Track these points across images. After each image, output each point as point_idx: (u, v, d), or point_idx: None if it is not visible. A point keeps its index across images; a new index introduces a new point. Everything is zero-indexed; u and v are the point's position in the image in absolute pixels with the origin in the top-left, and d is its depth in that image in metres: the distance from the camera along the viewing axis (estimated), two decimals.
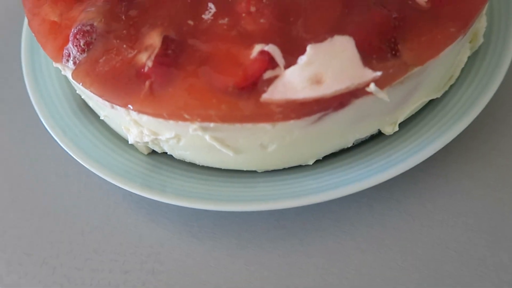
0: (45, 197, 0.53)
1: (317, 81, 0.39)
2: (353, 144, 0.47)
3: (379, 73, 0.38)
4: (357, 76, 0.38)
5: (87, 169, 0.49)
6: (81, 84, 0.44)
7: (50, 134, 0.51)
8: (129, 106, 0.42)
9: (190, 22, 0.43)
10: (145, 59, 0.42)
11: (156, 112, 0.41)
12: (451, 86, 0.49)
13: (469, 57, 0.50)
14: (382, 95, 0.39)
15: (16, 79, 0.60)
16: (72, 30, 0.45)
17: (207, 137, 0.42)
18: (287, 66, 0.40)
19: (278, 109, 0.39)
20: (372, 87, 0.38)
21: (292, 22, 0.42)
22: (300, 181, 0.46)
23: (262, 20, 0.42)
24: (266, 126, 0.41)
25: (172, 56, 0.42)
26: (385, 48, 0.40)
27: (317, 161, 0.48)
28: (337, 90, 0.38)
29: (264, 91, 0.39)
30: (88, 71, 0.44)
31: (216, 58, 0.41)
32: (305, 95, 0.38)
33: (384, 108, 0.43)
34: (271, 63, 0.40)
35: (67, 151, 0.50)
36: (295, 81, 0.39)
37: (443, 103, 0.49)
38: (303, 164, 0.47)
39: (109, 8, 0.46)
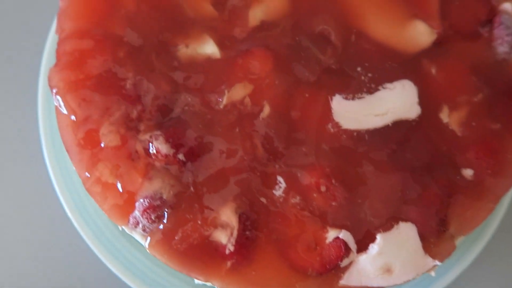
0: None
1: (387, 269, 0.45)
2: None
3: (438, 263, 0.45)
4: (421, 266, 0.45)
5: None
6: (158, 258, 0.46)
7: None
8: (210, 283, 0.45)
9: (263, 200, 0.46)
10: (225, 241, 0.45)
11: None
12: None
13: None
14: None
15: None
16: (141, 202, 0.45)
17: None
18: (358, 250, 0.45)
19: None
20: (433, 273, 0.45)
21: (360, 204, 0.46)
22: None
23: (333, 203, 0.45)
24: None
25: (251, 237, 0.45)
26: (438, 228, 0.46)
27: None
28: (405, 280, 0.45)
29: (340, 277, 0.45)
30: (165, 247, 0.45)
31: (292, 238, 0.45)
32: (378, 283, 0.45)
33: None
34: (346, 250, 0.45)
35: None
36: (368, 269, 0.45)
37: None
38: None
39: (175, 176, 0.46)
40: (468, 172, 0.47)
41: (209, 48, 0.48)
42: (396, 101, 0.47)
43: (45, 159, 0.54)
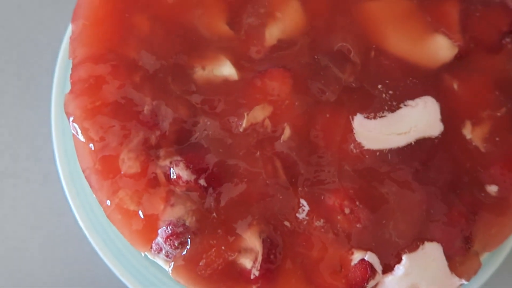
0: None
1: None
2: None
3: (465, 282, 0.45)
4: (447, 285, 0.45)
5: None
6: (182, 283, 0.46)
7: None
8: None
9: (287, 224, 0.45)
10: (249, 265, 0.45)
11: None
12: None
13: None
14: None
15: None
16: (164, 229, 0.45)
17: None
18: (384, 271, 0.45)
19: None
20: None
21: (385, 225, 0.45)
22: None
23: (358, 225, 0.45)
24: None
25: (275, 261, 0.45)
26: (464, 246, 0.46)
27: None
28: None
29: None
30: (190, 273, 0.45)
31: (317, 261, 0.45)
32: None
33: None
34: (372, 272, 0.45)
35: None
36: None
37: None
38: None
39: (196, 202, 0.45)
40: (492, 189, 0.47)
41: (226, 70, 0.47)
42: (419, 119, 0.47)
43: (61, 179, 0.54)
